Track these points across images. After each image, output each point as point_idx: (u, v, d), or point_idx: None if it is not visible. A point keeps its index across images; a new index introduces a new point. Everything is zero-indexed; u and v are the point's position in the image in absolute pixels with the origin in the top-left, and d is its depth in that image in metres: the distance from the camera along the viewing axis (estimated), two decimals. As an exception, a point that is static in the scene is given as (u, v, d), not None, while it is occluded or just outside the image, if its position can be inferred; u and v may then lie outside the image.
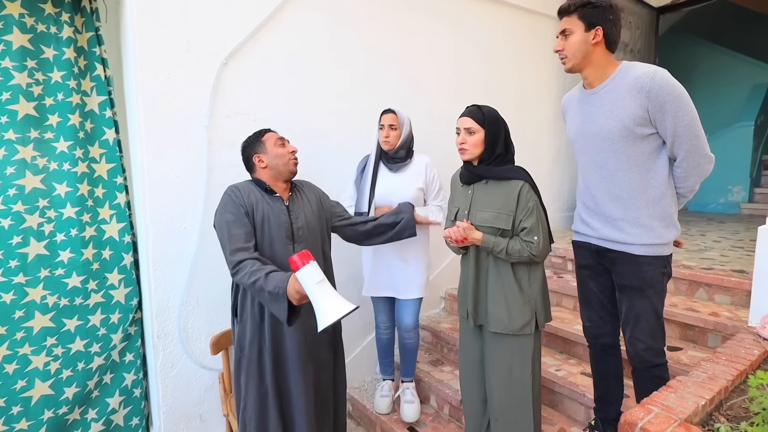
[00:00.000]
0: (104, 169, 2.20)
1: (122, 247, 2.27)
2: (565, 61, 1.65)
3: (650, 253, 1.58)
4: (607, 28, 1.58)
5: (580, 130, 1.73)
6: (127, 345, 2.33)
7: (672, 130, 1.49)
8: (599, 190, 1.67)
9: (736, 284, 2.41)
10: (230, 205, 1.75)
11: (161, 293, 2.20)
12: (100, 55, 2.20)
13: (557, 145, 4.12)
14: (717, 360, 1.49)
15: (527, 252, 1.66)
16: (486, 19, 3.44)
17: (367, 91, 2.85)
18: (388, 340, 2.58)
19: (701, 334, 2.30)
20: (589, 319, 1.86)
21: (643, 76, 1.49)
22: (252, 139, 1.91)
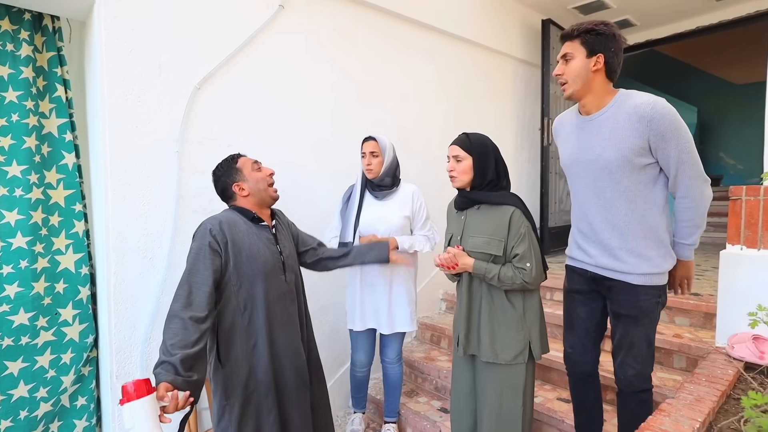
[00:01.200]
0: (61, 195, 2.01)
1: (78, 279, 2.06)
2: (565, 87, 1.60)
3: (647, 282, 1.55)
4: (609, 57, 1.53)
5: (575, 156, 1.67)
6: (79, 388, 2.09)
7: (676, 158, 1.45)
8: (597, 218, 1.62)
9: (694, 306, 2.50)
10: (204, 255, 1.54)
11: (123, 329, 1.99)
12: (61, 76, 2.05)
13: (519, 175, 4.24)
14: (698, 381, 1.50)
15: (520, 279, 1.62)
16: (456, 54, 3.54)
17: (342, 121, 2.82)
18: (364, 378, 2.45)
19: (667, 355, 2.34)
20: (572, 346, 1.80)
21: (643, 105, 1.45)
22: (225, 166, 1.75)
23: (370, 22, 2.97)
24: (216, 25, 2.27)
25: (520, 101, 4.21)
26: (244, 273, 1.62)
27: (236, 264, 1.60)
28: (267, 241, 1.70)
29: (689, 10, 4.29)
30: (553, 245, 4.34)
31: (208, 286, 1.53)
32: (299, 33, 2.60)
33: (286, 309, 1.71)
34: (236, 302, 1.62)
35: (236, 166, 1.73)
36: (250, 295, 1.63)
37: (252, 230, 1.68)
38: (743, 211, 1.86)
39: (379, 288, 2.27)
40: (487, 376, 1.71)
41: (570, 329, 1.81)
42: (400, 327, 2.30)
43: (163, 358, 1.44)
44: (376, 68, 3.02)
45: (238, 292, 1.62)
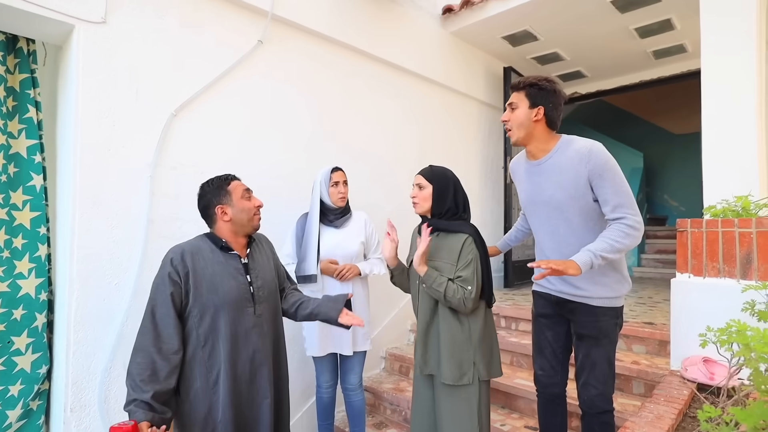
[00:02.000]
0: (27, 217, 1.93)
1: (36, 306, 1.95)
2: (510, 133, 1.74)
3: (606, 304, 1.66)
4: (548, 110, 1.68)
5: (530, 197, 1.81)
6: (26, 424, 1.93)
7: (612, 195, 1.57)
8: (553, 254, 1.73)
9: (649, 335, 2.61)
10: (165, 286, 1.51)
11: (81, 357, 1.88)
12: (33, 98, 2.01)
13: (482, 211, 4.38)
14: (657, 401, 1.56)
15: (460, 294, 1.67)
16: (422, 94, 3.71)
17: (313, 150, 2.86)
18: (330, 400, 2.41)
19: (626, 382, 2.42)
20: (542, 368, 1.87)
21: (582, 149, 1.60)
22: (216, 184, 1.66)
23: (344, 59, 3.09)
24: (196, 56, 2.31)
25: (483, 140, 4.41)
26: (204, 304, 1.55)
27: (196, 295, 1.54)
28: (234, 270, 1.62)
29: (633, 66, 4.70)
30: (516, 278, 4.45)
31: (172, 317, 1.50)
32: (276, 66, 2.68)
33: (253, 344, 1.62)
34: (196, 335, 1.55)
35: (227, 188, 1.66)
36: (211, 327, 1.55)
37: (218, 259, 1.61)
38: (689, 242, 2.00)
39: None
40: (443, 396, 1.75)
41: (539, 352, 1.88)
42: (361, 346, 2.33)
43: (133, 395, 1.39)
44: (350, 102, 3.12)
45: (199, 325, 1.55)
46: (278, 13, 2.62)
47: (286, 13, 2.67)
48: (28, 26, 1.91)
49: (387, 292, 3.24)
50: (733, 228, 1.88)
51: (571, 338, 1.82)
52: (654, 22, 3.72)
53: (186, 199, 2.24)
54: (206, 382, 1.54)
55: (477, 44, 4.19)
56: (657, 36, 3.99)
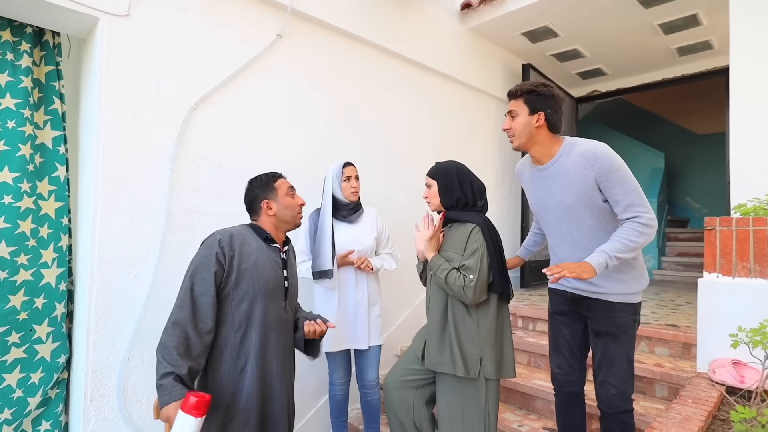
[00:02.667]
0: (52, 207, 1.96)
1: (56, 295, 1.98)
2: (512, 140, 1.74)
3: (623, 300, 1.64)
4: (549, 114, 1.68)
5: (540, 202, 1.81)
6: (45, 411, 1.96)
7: (622, 195, 1.55)
8: (567, 256, 1.73)
9: (672, 337, 2.55)
10: (209, 264, 1.51)
11: (101, 348, 1.91)
12: (59, 90, 2.04)
13: (500, 210, 4.33)
14: (685, 403, 1.52)
15: (461, 282, 1.67)
16: (439, 90, 3.68)
17: (330, 146, 2.86)
18: (344, 397, 2.40)
19: (649, 384, 2.36)
20: (559, 366, 1.86)
21: (586, 152, 1.59)
22: (264, 180, 1.75)
23: (362, 55, 3.08)
24: (216, 49, 2.32)
25: (501, 138, 4.36)
26: (244, 289, 1.57)
27: (238, 279, 1.56)
28: (275, 263, 1.66)
29: (656, 63, 4.61)
30: (533, 278, 4.39)
31: (211, 296, 1.51)
32: (294, 61, 2.68)
33: (282, 337, 1.66)
34: (232, 318, 1.56)
35: (274, 185, 1.74)
36: (247, 313, 1.57)
37: (262, 248, 1.65)
38: (718, 241, 1.95)
39: (349, 304, 2.31)
40: (444, 389, 1.75)
41: (556, 350, 1.86)
42: (374, 340, 2.34)
43: (169, 368, 1.39)
44: (366, 98, 3.11)
45: (236, 309, 1.57)
46: (297, 7, 2.63)
47: (305, 8, 2.67)
48: (54, 19, 1.94)
49: (401, 290, 3.23)
50: (766, 227, 1.81)
51: (588, 336, 1.80)
52: (679, 17, 3.63)
53: (205, 191, 2.26)
54: (234, 368, 1.55)
55: (495, 41, 4.15)
56: (682, 32, 3.90)
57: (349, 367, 2.42)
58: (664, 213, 6.60)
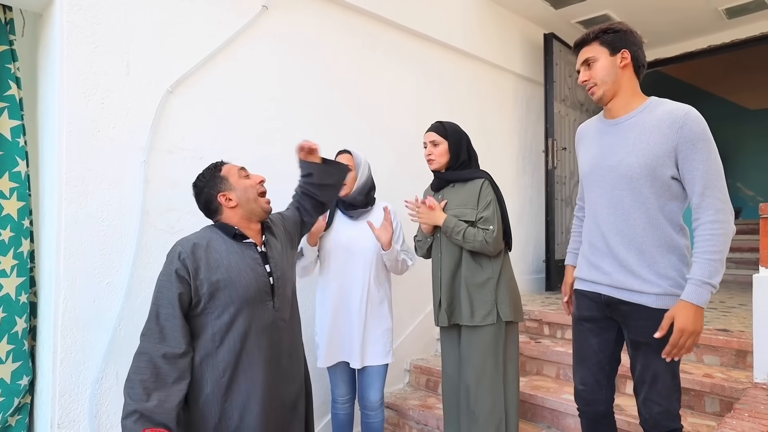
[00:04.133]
0: (14, 207, 1.97)
1: (17, 308, 1.99)
2: (594, 90, 1.68)
3: (668, 305, 1.56)
4: (633, 51, 1.63)
5: (595, 161, 1.74)
6: (4, 440, 1.98)
7: (702, 173, 1.49)
8: (611, 232, 1.67)
9: (724, 343, 2.54)
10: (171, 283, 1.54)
11: (69, 367, 1.92)
12: (14, 73, 2.05)
13: (521, 202, 4.32)
14: (740, 417, 1.51)
15: (481, 236, 2.02)
16: (448, 66, 3.68)
17: (327, 132, 2.86)
18: (347, 417, 2.40)
19: (697, 398, 2.36)
20: (583, 382, 1.81)
21: (676, 110, 1.54)
22: (208, 176, 1.72)
23: (359, 28, 3.08)
24: (192, 23, 2.32)
25: (520, 120, 4.35)
26: (222, 300, 1.58)
27: (211, 291, 1.57)
28: (252, 261, 1.66)
29: (700, 28, 4.57)
30: (560, 280, 4.36)
31: (178, 318, 1.53)
32: (283, 36, 2.68)
33: (273, 342, 1.67)
34: (212, 334, 1.58)
35: (220, 174, 1.70)
36: (228, 324, 1.59)
37: (233, 249, 1.64)
38: (775, 231, 1.93)
39: (352, 315, 2.29)
40: (471, 340, 2.08)
41: (581, 363, 1.81)
42: (381, 359, 2.30)
43: (134, 405, 1.41)
44: (365, 77, 3.11)
45: (215, 322, 1.58)
46: (285, -27, 2.62)
47: (293, -26, 2.67)
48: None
49: (410, 298, 3.23)
50: (831, 213, 1.80)
51: (620, 346, 1.76)
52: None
53: (184, 187, 2.25)
54: (217, 387, 1.56)
55: (514, 8, 4.14)
56: (730, -10, 3.87)
57: (353, 382, 2.41)
58: (711, 202, 6.55)
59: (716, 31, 4.63)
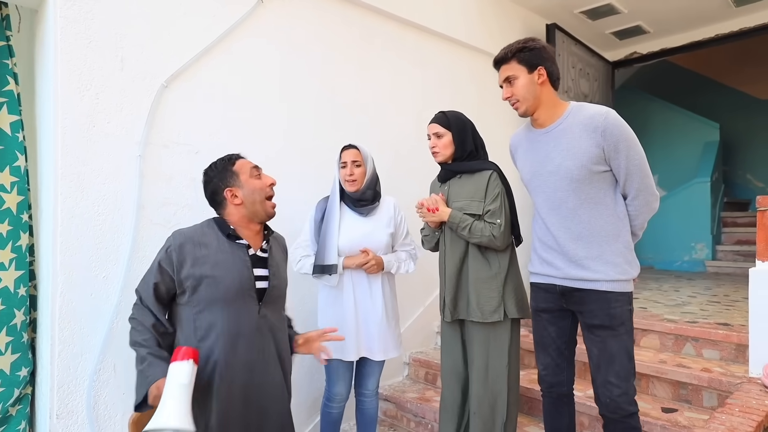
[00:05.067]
0: (14, 201, 2.00)
1: (15, 301, 2.03)
2: (517, 106, 1.82)
3: (617, 289, 1.71)
4: (548, 67, 1.77)
5: (534, 169, 1.86)
6: (5, 429, 2.02)
7: (625, 169, 1.68)
8: (559, 231, 1.79)
9: (724, 337, 2.53)
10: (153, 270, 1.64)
11: (67, 359, 1.95)
12: (11, 69, 2.07)
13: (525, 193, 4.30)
14: (731, 412, 1.51)
15: (489, 231, 1.99)
16: (448, 58, 3.66)
17: (325, 127, 2.87)
18: (339, 416, 2.41)
19: (695, 392, 2.36)
20: (545, 367, 1.94)
21: (596, 116, 1.68)
22: (220, 167, 1.71)
23: (357, 21, 3.07)
24: (188, 17, 2.33)
25: (524, 112, 4.32)
26: (203, 295, 1.59)
27: (194, 285, 1.58)
28: (240, 262, 1.64)
29: (707, 17, 4.50)
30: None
31: (155, 306, 1.62)
32: (279, 30, 2.68)
33: (254, 347, 1.64)
34: (194, 328, 1.59)
35: (233, 169, 1.70)
36: (208, 322, 1.59)
37: (223, 248, 1.64)
38: (772, 224, 1.92)
39: (375, 309, 2.28)
40: (475, 336, 2.06)
41: (542, 350, 1.95)
42: (393, 352, 2.33)
43: (143, 352, 1.56)
44: (364, 71, 3.11)
45: (197, 317, 1.59)
46: (280, -35, 2.62)
47: (289, -34, 2.67)
48: (0, -12, 1.96)
49: (410, 290, 3.24)
50: (828, 206, 1.79)
51: (575, 331, 1.90)
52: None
53: (180, 181, 2.29)
54: (198, 384, 1.53)
55: (515, -3, 4.10)
56: (737, -22, 3.81)
57: (351, 381, 2.41)
58: (719, 194, 6.50)
59: (724, 20, 4.56)
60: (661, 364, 2.49)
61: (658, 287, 4.38)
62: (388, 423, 2.99)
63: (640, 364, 2.49)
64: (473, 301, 2.05)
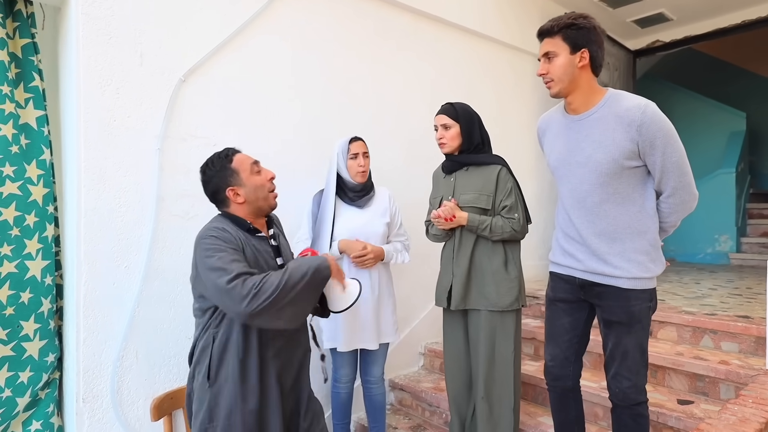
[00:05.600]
0: (41, 193, 2.08)
1: (42, 290, 2.11)
2: (551, 85, 1.73)
3: (638, 286, 1.68)
4: (593, 51, 1.67)
5: (563, 158, 1.80)
6: (34, 412, 2.12)
7: (661, 166, 1.62)
8: (583, 224, 1.76)
9: (743, 330, 2.50)
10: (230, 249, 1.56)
11: (92, 346, 2.04)
12: (37, 65, 2.15)
13: (540, 186, 4.28)
14: (744, 402, 1.51)
15: (509, 227, 2.09)
16: (464, 50, 3.65)
17: (338, 120, 2.90)
18: (348, 396, 2.48)
19: (712, 385, 2.34)
20: (553, 358, 1.92)
21: (633, 109, 1.60)
22: (218, 165, 1.70)
23: (371, 13, 3.09)
24: (204, 12, 2.38)
25: (539, 103, 4.29)
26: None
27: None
28: (267, 255, 1.70)
29: (732, 3, 4.41)
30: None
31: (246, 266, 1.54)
32: (294, 24, 2.72)
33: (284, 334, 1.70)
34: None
35: (231, 166, 1.69)
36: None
37: (249, 243, 1.67)
38: (791, 215, 1.88)
39: (367, 299, 2.32)
40: (483, 324, 2.12)
41: (552, 340, 1.93)
42: (387, 337, 2.39)
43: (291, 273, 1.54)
44: (377, 62, 3.13)
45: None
46: (295, -41, 2.65)
47: (304, -40, 2.69)
48: (24, -14, 2.04)
49: (424, 282, 3.26)
50: None
51: (589, 325, 1.89)
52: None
53: (198, 174, 2.32)
54: (240, 366, 1.59)
55: (532, -14, 4.06)
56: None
57: (356, 363, 2.49)
58: (745, 185, 6.35)
59: (751, 5, 4.45)
60: (677, 356, 2.48)
61: (678, 279, 4.32)
62: (403, 412, 3.04)
63: (656, 356, 2.49)
64: (489, 291, 2.11)
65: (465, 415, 2.26)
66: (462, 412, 2.26)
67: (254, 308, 1.44)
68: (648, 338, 1.75)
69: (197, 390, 1.65)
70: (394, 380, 3.11)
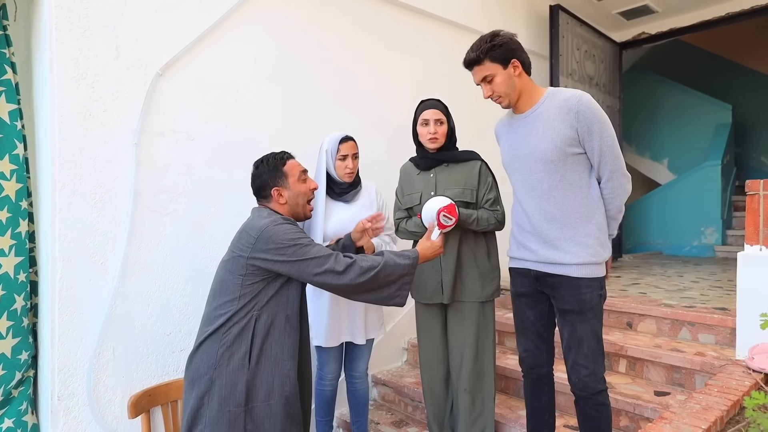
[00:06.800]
0: (14, 189, 2.09)
1: (15, 286, 2.12)
2: (500, 101, 1.91)
3: (587, 274, 1.82)
4: (520, 57, 1.86)
5: (512, 152, 1.98)
6: (7, 410, 2.13)
7: (599, 150, 1.79)
8: (534, 211, 1.90)
9: (719, 321, 2.59)
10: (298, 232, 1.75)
11: (68, 343, 2.06)
12: (9, 58, 2.15)
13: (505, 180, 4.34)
14: (709, 392, 1.59)
15: (494, 219, 2.23)
16: (446, 42, 3.70)
17: (320, 114, 2.93)
18: (333, 393, 2.53)
19: (688, 376, 2.43)
20: (526, 349, 2.06)
21: (571, 99, 1.79)
22: (272, 164, 1.89)
23: (354, 5, 3.11)
24: (182, 5, 2.39)
25: (527, 95, 4.35)
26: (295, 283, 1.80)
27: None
28: None
29: (716, -5, 4.49)
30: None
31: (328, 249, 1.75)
32: (273, 17, 2.74)
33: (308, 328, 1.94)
34: (286, 302, 1.77)
35: (283, 169, 1.87)
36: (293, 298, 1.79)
37: None
38: (762, 208, 1.97)
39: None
40: (467, 316, 2.24)
41: (522, 333, 2.07)
42: (372, 333, 2.45)
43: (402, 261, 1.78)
44: (361, 56, 3.16)
45: (290, 292, 1.77)
46: (274, -50, 2.67)
47: (283, -49, 2.71)
48: (-6, -23, 2.03)
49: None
50: (816, 190, 1.84)
51: (553, 315, 2.01)
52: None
53: (176, 168, 2.37)
54: (282, 352, 1.73)
55: (517, -22, 4.11)
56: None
57: (342, 360, 2.54)
58: (731, 177, 6.49)
59: (734, -2, 4.54)
60: (656, 349, 2.56)
61: (662, 273, 4.43)
62: (386, 407, 3.10)
63: (635, 349, 2.58)
64: (475, 283, 2.23)
65: (444, 409, 2.33)
66: (441, 406, 2.34)
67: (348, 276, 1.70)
68: (602, 326, 1.87)
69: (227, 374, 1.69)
70: (377, 376, 3.17)
